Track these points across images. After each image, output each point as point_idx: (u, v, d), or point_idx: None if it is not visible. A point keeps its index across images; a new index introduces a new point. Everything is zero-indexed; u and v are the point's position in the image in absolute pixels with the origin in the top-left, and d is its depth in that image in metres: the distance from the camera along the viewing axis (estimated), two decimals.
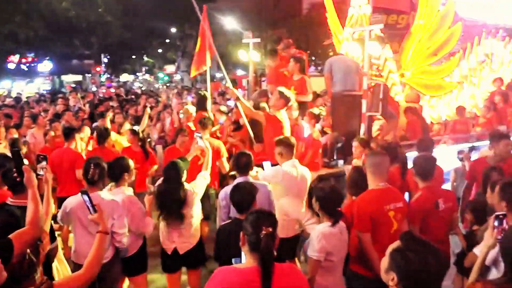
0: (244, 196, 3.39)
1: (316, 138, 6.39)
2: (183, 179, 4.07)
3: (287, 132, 5.66)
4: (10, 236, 2.34)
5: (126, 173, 3.97)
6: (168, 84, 46.35)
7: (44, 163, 3.26)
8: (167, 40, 67.03)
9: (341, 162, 6.57)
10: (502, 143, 4.88)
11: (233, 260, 2.71)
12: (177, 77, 65.81)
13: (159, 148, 9.21)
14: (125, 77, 66.16)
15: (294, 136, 5.14)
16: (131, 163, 4.12)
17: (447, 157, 6.57)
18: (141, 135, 6.62)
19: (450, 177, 6.53)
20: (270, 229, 2.21)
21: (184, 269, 4.32)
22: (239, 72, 40.05)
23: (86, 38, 32.44)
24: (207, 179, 4.40)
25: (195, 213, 4.15)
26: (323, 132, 7.23)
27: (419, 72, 8.38)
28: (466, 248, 4.37)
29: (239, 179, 4.07)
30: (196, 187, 4.14)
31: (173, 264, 4.20)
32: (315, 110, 6.81)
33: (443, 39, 8.20)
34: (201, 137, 4.80)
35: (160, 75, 67.99)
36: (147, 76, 72.99)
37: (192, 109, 7.86)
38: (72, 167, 5.78)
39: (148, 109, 8.88)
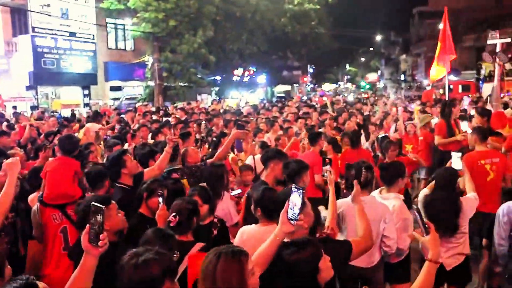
0: None
1: None
2: None
3: None
4: None
5: (401, 178, 3.92)
6: (371, 92, 45.82)
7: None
8: (371, 48, 66.74)
9: None
10: None
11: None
12: (380, 85, 64.73)
13: None
14: (327, 86, 68.42)
15: None
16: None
17: None
18: None
19: None
20: None
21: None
22: (452, 77, 37.04)
23: (298, 50, 34.66)
24: None
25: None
26: None
27: None
28: None
29: None
30: None
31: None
32: None
33: None
34: None
35: (362, 83, 68.02)
36: (348, 85, 73.91)
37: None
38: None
39: None
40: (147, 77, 23.33)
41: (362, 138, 7.30)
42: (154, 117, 11.55)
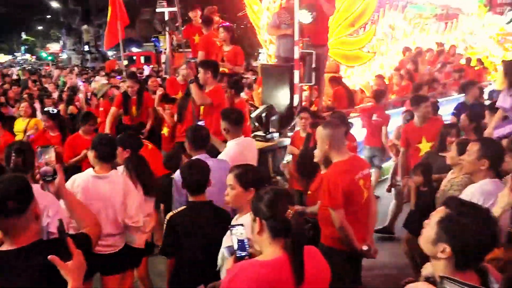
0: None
1: None
2: None
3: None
4: None
5: None
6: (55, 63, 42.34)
7: None
8: (48, 16, 61.34)
9: (276, 134, 6.41)
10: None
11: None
12: (64, 56, 60.70)
13: None
14: (1, 58, 59.45)
15: None
16: None
17: None
18: None
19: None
20: (296, 207, 1.89)
21: None
22: (134, 49, 38.14)
23: None
24: None
25: None
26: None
27: (338, 43, 8.48)
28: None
29: (197, 157, 3.66)
30: None
31: None
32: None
33: (359, 10, 8.35)
34: None
35: (44, 54, 62.19)
36: (27, 56, 66.29)
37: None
38: None
39: None
40: None
41: None
42: None
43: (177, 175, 3.46)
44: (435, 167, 4.49)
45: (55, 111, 6.25)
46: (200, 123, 3.97)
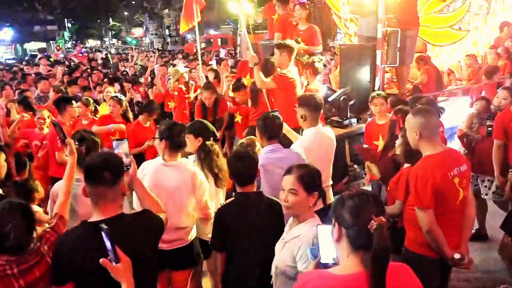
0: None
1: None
2: None
3: (299, 91, 5.03)
4: None
5: None
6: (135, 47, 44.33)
7: None
8: (133, 2, 64.12)
9: (354, 120, 6.00)
10: None
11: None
12: (146, 40, 63.41)
13: None
14: (92, 43, 63.39)
15: None
16: None
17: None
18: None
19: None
20: (383, 219, 1.58)
21: None
22: (212, 32, 38.68)
23: (48, 1, 30.34)
24: None
25: None
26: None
27: (425, 20, 7.74)
28: None
29: (269, 147, 3.41)
30: None
31: None
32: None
33: None
34: None
35: (128, 39, 65.35)
36: (114, 41, 70.12)
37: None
38: None
39: None
40: None
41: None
42: None
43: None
44: None
45: (123, 97, 6.36)
46: (275, 112, 3.70)
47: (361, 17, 6.57)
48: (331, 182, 3.97)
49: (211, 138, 3.50)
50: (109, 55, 22.44)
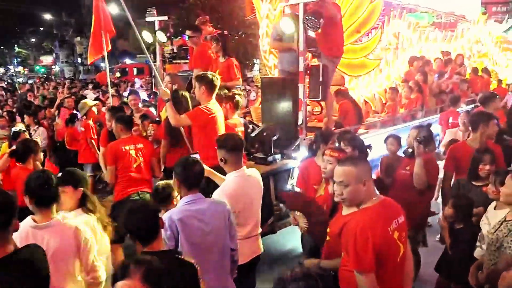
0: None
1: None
2: None
3: (221, 128, 4.64)
4: None
5: None
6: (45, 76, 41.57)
7: None
8: (42, 28, 60.61)
9: (278, 156, 5.72)
10: (491, 123, 4.31)
11: None
12: (56, 68, 59.85)
13: None
14: None
15: None
16: None
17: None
18: None
19: None
20: None
21: None
22: (128, 61, 37.46)
23: None
24: None
25: None
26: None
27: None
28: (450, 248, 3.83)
29: (189, 197, 2.91)
30: None
31: None
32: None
33: (365, 15, 7.70)
34: None
35: (37, 67, 61.25)
36: (20, 68, 65.39)
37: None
38: None
39: None
40: None
41: None
42: None
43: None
44: None
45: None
46: (194, 155, 3.26)
47: (280, 52, 6.42)
48: (260, 230, 3.57)
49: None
50: (16, 85, 20.72)
